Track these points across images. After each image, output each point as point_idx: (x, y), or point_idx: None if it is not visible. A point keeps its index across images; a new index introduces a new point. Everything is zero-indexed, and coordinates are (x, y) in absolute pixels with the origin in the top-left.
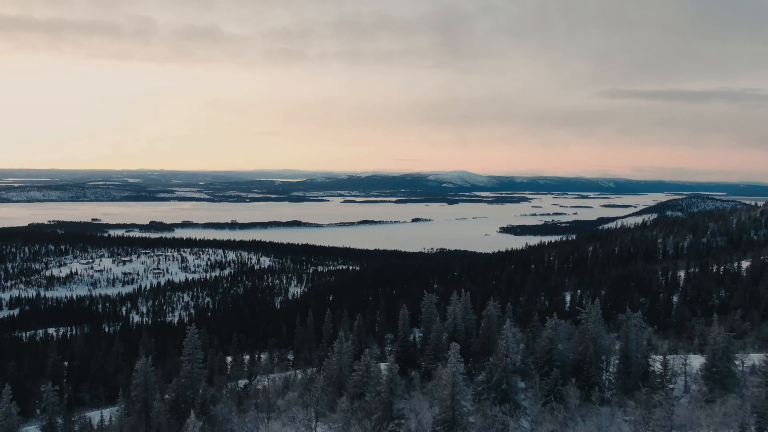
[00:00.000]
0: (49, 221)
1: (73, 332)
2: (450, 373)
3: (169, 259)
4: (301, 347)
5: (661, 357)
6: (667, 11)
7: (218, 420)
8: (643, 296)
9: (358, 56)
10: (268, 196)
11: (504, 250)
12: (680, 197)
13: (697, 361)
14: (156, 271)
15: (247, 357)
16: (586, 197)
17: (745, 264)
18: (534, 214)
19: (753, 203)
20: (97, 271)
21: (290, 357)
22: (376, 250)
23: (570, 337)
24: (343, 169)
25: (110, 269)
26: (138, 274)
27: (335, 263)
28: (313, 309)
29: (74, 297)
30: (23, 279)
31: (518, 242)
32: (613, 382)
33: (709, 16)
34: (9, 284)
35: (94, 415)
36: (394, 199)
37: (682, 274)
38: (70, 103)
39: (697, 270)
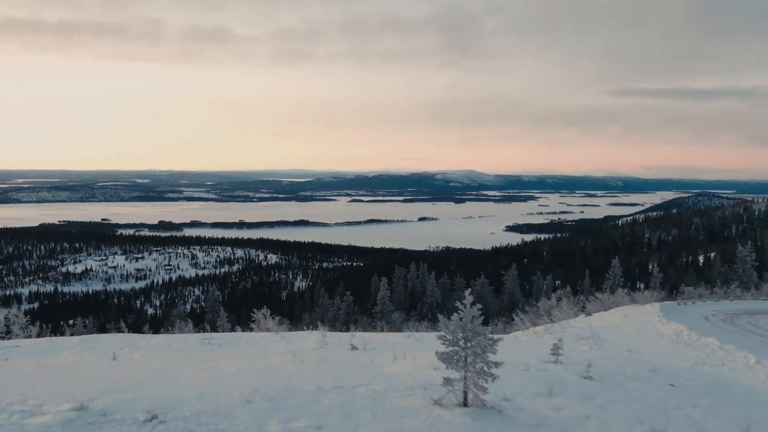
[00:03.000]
0: (60, 221)
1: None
2: (382, 295)
3: (180, 257)
4: (299, 317)
5: None
6: (676, 9)
7: None
8: None
9: (365, 56)
10: (276, 195)
11: (499, 246)
12: (687, 195)
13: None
14: (167, 268)
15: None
16: (594, 196)
17: (712, 255)
18: (540, 213)
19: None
20: (110, 267)
21: None
22: (381, 248)
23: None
24: (351, 168)
25: (123, 266)
26: (150, 271)
27: (341, 260)
28: (311, 292)
29: (90, 291)
30: (40, 275)
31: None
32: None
33: (718, 13)
34: (27, 280)
35: None
36: (401, 198)
37: (656, 264)
38: (78, 104)
39: (666, 261)
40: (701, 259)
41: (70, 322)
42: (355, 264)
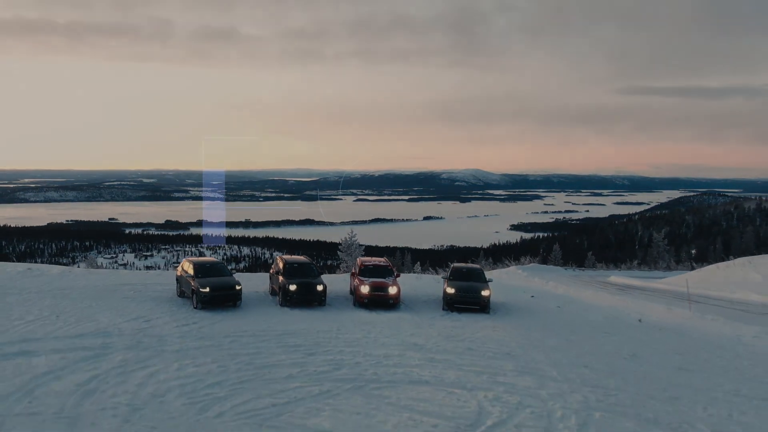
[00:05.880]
0: (68, 221)
1: None
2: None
3: (188, 254)
4: None
5: None
6: (686, 6)
7: None
8: None
9: (375, 55)
10: (282, 195)
11: (497, 243)
12: (693, 194)
13: None
14: (176, 265)
15: None
16: (600, 195)
17: (693, 251)
18: (546, 212)
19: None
20: (121, 264)
21: None
22: (386, 246)
23: None
24: (356, 167)
25: (133, 263)
26: (159, 268)
27: None
28: None
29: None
30: None
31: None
32: None
33: (727, 11)
34: None
35: None
36: (407, 197)
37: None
38: (85, 104)
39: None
40: (683, 254)
41: None
42: None
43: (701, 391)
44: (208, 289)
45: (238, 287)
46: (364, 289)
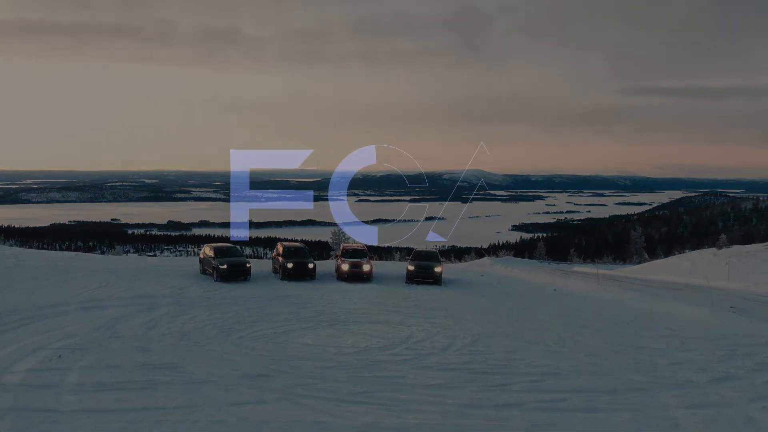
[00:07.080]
0: (70, 221)
1: None
2: None
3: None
4: None
5: None
6: (687, 7)
7: None
8: None
9: (377, 56)
10: (284, 195)
11: (496, 243)
12: (695, 194)
13: None
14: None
15: None
16: (602, 195)
17: (687, 251)
18: (547, 212)
19: None
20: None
21: None
22: (388, 246)
23: None
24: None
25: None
26: None
27: None
28: None
29: None
30: None
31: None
32: None
33: (729, 11)
34: None
35: None
36: (408, 198)
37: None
38: (88, 105)
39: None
40: (676, 252)
41: None
42: None
43: (563, 325)
44: (225, 266)
45: (248, 265)
46: (345, 267)
